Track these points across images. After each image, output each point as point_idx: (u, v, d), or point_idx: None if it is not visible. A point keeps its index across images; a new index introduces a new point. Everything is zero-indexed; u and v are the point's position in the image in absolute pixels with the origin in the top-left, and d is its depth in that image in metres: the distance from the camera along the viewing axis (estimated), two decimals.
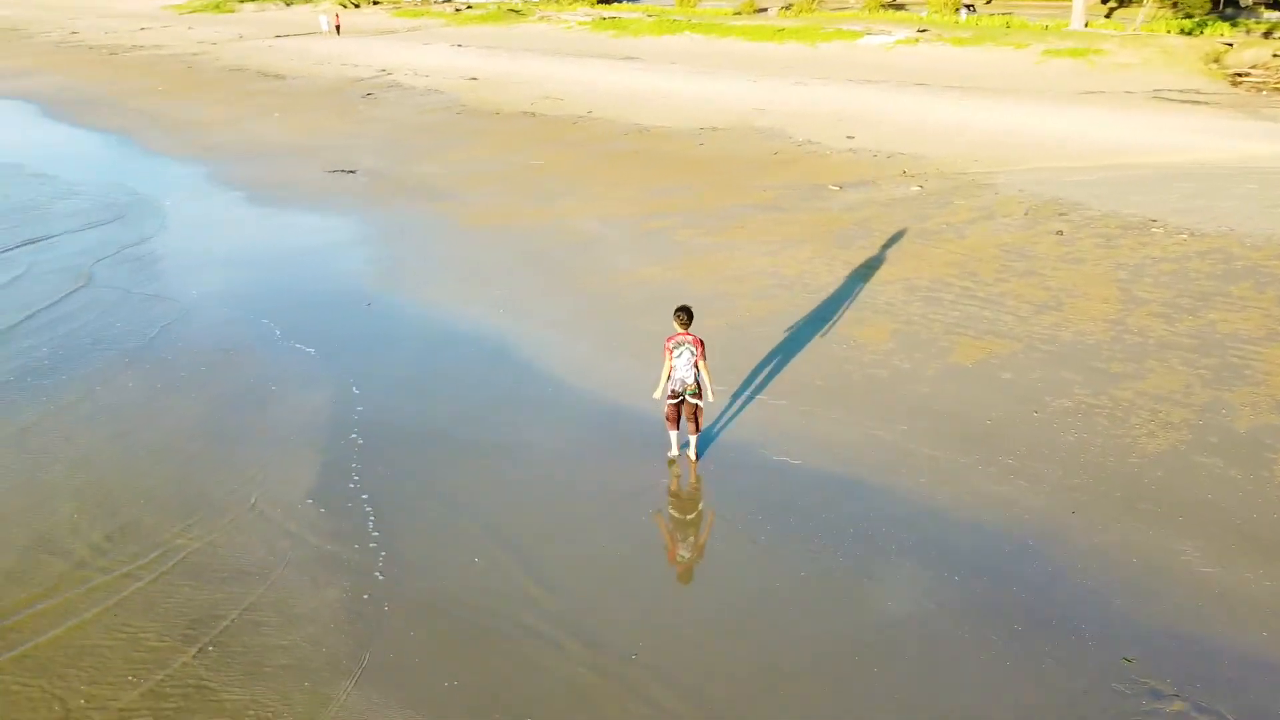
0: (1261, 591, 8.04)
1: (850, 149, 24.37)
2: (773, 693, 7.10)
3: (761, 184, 21.54)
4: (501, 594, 8.22)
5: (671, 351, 9.69)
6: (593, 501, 9.59)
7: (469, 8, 71.62)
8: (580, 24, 58.33)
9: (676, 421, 10.07)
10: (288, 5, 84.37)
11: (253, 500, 9.53)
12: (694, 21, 54.51)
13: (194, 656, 7.47)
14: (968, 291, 14.60)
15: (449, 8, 72.43)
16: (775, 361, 12.51)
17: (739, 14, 58.72)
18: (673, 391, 9.83)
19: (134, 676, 7.29)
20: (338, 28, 59.30)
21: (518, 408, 11.54)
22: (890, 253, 16.47)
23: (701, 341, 9.73)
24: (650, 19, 56.42)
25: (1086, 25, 45.41)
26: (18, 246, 18.29)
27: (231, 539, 8.94)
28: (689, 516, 9.51)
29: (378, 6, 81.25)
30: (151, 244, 18.41)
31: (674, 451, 10.26)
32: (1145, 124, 26.08)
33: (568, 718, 6.90)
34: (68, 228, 19.59)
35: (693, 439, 10.14)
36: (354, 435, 10.79)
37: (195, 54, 51.16)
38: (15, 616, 7.95)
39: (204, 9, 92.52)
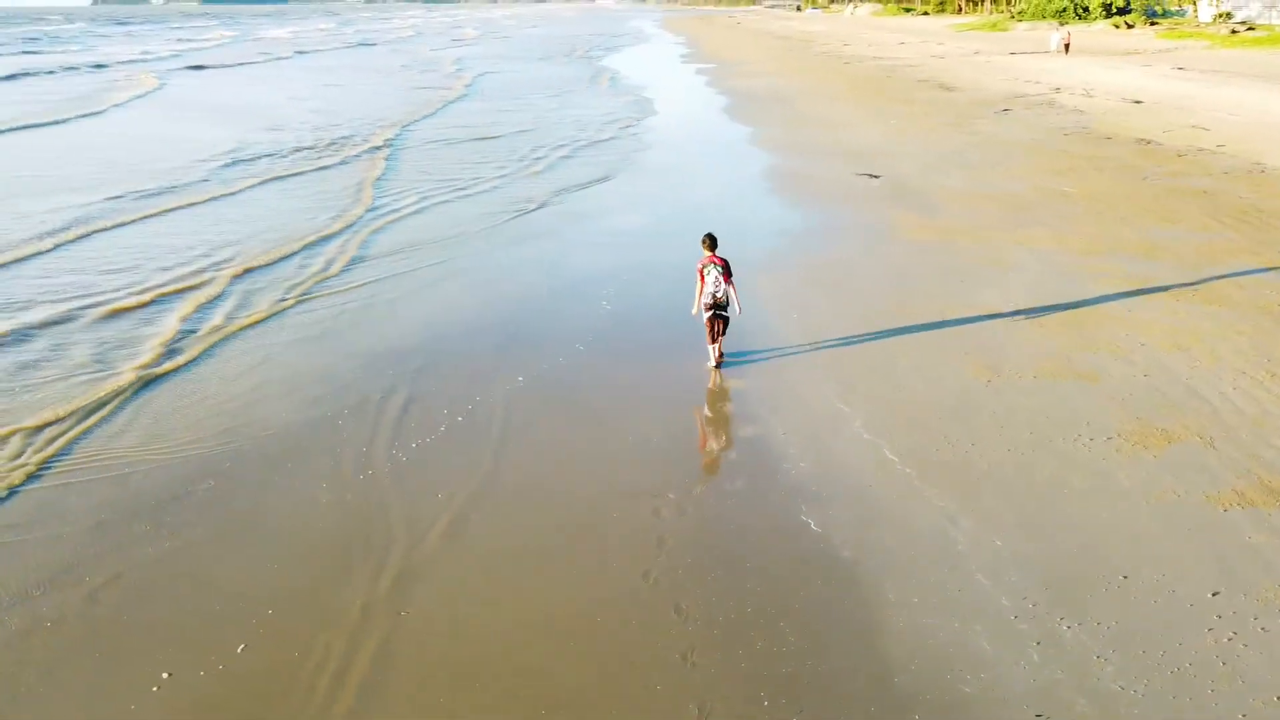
0: None
1: None
2: (445, 709, 6.56)
3: None
4: (415, 514, 8.71)
5: (703, 273, 11.57)
6: (586, 489, 9.30)
7: (1250, 29, 62.02)
8: None
9: (714, 336, 11.89)
10: (1060, 24, 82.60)
11: (392, 385, 11.35)
12: None
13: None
14: None
15: (1225, 28, 63.69)
16: (979, 435, 10.05)
17: None
18: (707, 305, 11.64)
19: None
20: (1066, 46, 56.66)
21: (684, 391, 11.39)
22: None
23: (725, 261, 11.60)
24: None
25: None
26: (536, 208, 22.54)
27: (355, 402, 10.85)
28: (636, 517, 8.61)
29: (1153, 28, 75.12)
30: (629, 216, 21.08)
31: (712, 361, 12.00)
32: None
33: (305, 635, 7.22)
34: (603, 201, 23.42)
35: (720, 343, 11.98)
36: (519, 379, 11.82)
37: (911, 65, 53.95)
38: None
39: (980, 27, 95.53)
